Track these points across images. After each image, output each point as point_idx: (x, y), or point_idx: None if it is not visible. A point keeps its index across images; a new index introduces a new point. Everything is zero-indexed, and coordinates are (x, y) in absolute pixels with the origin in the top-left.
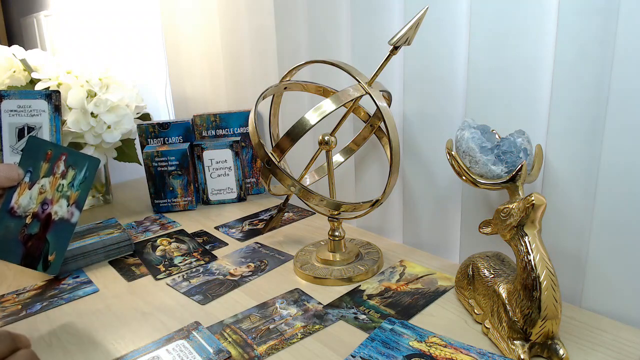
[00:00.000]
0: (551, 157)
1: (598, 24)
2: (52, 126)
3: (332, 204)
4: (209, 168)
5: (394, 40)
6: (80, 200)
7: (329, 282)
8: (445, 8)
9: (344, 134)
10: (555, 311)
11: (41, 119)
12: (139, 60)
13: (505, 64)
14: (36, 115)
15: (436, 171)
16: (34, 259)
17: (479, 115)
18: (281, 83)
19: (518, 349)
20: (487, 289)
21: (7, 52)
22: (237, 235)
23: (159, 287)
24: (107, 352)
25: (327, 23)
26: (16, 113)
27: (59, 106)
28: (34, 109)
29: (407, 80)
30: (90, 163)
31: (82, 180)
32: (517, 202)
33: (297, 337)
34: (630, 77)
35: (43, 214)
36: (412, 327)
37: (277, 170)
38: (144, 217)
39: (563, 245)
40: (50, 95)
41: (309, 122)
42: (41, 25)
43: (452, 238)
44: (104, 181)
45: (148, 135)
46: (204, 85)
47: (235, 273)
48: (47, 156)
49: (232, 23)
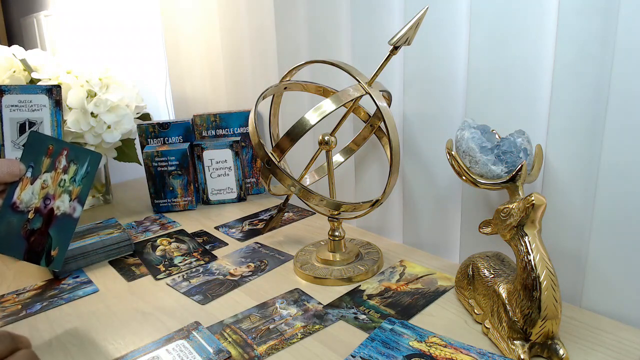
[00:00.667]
0: (551, 157)
1: (598, 24)
2: (53, 121)
3: (332, 204)
4: (209, 168)
5: (394, 40)
6: (83, 195)
7: (329, 282)
8: (445, 8)
9: (344, 134)
10: (555, 311)
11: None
12: (139, 60)
13: (505, 64)
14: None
15: (436, 171)
16: (36, 254)
17: (479, 115)
18: (281, 83)
19: (518, 349)
20: (487, 289)
21: (7, 52)
22: (237, 235)
23: (159, 287)
24: (107, 352)
25: (327, 23)
26: (17, 108)
27: (59, 101)
28: (35, 103)
29: (407, 80)
30: (92, 158)
31: (84, 175)
32: (517, 202)
33: (297, 337)
34: (630, 77)
35: (45, 209)
36: (412, 327)
37: (277, 170)
38: (144, 217)
39: (563, 245)
40: (51, 90)
41: (309, 122)
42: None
43: (452, 238)
44: (104, 181)
45: (148, 135)
46: (204, 85)
47: (235, 273)
48: (49, 151)
49: (232, 23)
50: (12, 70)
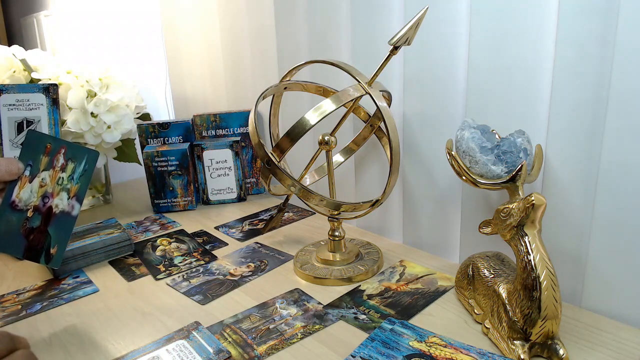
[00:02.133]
0: (551, 157)
1: (598, 24)
2: (51, 119)
3: (332, 204)
4: (209, 168)
5: (394, 40)
6: (81, 193)
7: (329, 282)
8: (445, 8)
9: (344, 134)
10: (555, 311)
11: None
12: (139, 60)
13: (505, 64)
14: (34, 109)
15: (436, 171)
16: (36, 252)
17: (479, 115)
18: (281, 83)
19: (518, 349)
20: (487, 289)
21: (7, 52)
22: (237, 235)
23: (159, 287)
24: (107, 352)
25: (327, 23)
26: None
27: (56, 99)
28: (32, 102)
29: (407, 80)
30: (89, 156)
31: (81, 173)
32: (517, 202)
33: (297, 337)
34: (630, 77)
35: (44, 208)
36: (412, 327)
37: (277, 170)
38: (144, 217)
39: (563, 245)
40: (48, 88)
41: (309, 122)
42: (41, 25)
43: (452, 238)
44: (104, 181)
45: (148, 135)
46: (204, 85)
47: (235, 273)
48: (47, 149)
49: (232, 23)
50: (12, 70)
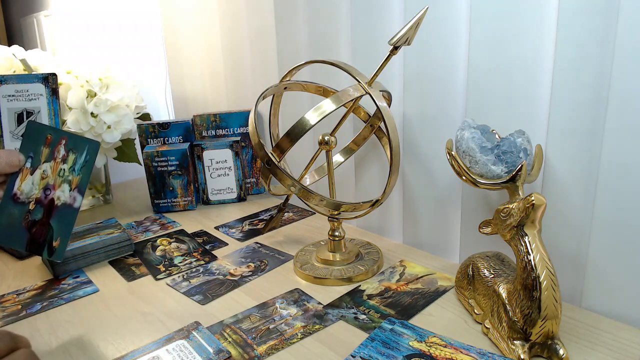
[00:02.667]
0: (551, 157)
1: (598, 24)
2: (51, 110)
3: (332, 204)
4: (209, 168)
5: (394, 40)
6: (82, 184)
7: (329, 282)
8: (445, 8)
9: (344, 134)
10: (555, 311)
11: (39, 102)
12: (139, 60)
13: (505, 64)
14: (34, 100)
15: (436, 171)
16: (38, 245)
17: (479, 115)
18: (281, 83)
19: (518, 349)
20: (487, 289)
21: (7, 52)
22: (237, 235)
23: (159, 287)
24: (107, 352)
25: (327, 23)
26: (14, 98)
27: (56, 89)
28: (32, 93)
29: (407, 80)
30: (90, 146)
31: (83, 164)
32: (517, 202)
33: (297, 337)
34: (630, 77)
35: (46, 200)
36: (412, 327)
37: (277, 170)
38: (144, 217)
39: (563, 245)
40: (47, 78)
41: (309, 122)
42: (41, 25)
43: (452, 238)
44: (104, 181)
45: (148, 135)
46: (204, 85)
47: (235, 273)
48: (47, 141)
49: (232, 23)
50: (12, 70)
